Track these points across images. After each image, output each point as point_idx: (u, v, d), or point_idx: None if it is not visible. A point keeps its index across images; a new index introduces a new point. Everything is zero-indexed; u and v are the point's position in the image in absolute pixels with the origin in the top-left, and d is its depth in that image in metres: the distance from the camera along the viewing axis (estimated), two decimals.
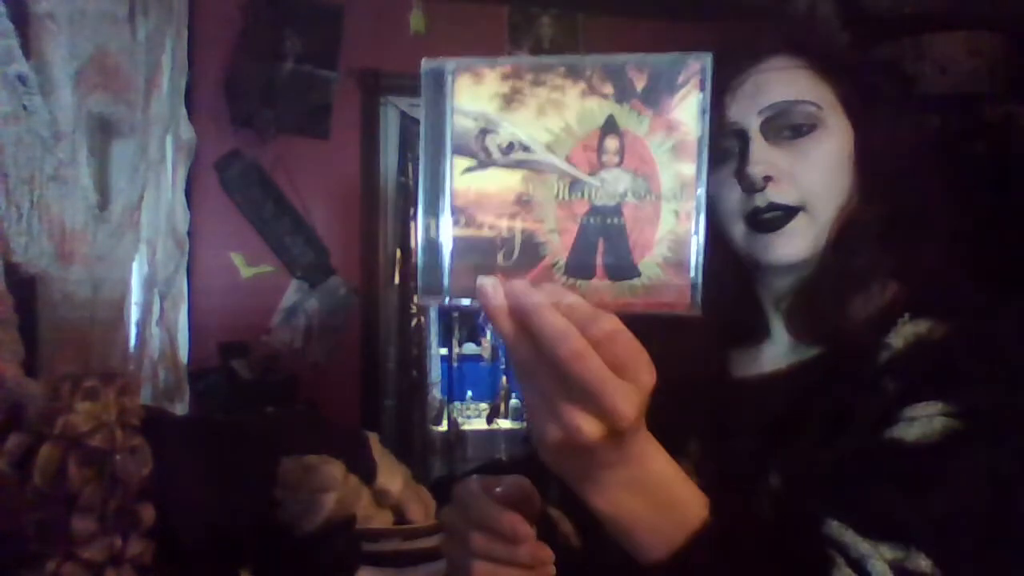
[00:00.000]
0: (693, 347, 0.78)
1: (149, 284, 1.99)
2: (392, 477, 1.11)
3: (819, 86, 0.76)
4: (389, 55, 2.87)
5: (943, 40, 2.95)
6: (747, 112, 0.76)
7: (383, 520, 1.07)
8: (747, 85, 0.76)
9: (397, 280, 3.07)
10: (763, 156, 0.74)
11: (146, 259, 1.99)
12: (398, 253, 3.07)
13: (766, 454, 0.74)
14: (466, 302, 0.49)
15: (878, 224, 0.74)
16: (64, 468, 0.83)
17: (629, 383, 0.46)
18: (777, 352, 0.81)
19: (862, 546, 0.57)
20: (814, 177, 0.75)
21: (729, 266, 0.79)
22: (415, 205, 3.32)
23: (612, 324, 0.47)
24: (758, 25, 0.81)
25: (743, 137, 0.76)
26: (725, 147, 0.77)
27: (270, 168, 2.78)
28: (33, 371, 1.22)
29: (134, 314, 1.84)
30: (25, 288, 1.25)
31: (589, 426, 0.47)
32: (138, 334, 1.87)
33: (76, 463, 0.84)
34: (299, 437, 1.07)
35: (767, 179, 0.74)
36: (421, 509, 1.13)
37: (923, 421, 0.63)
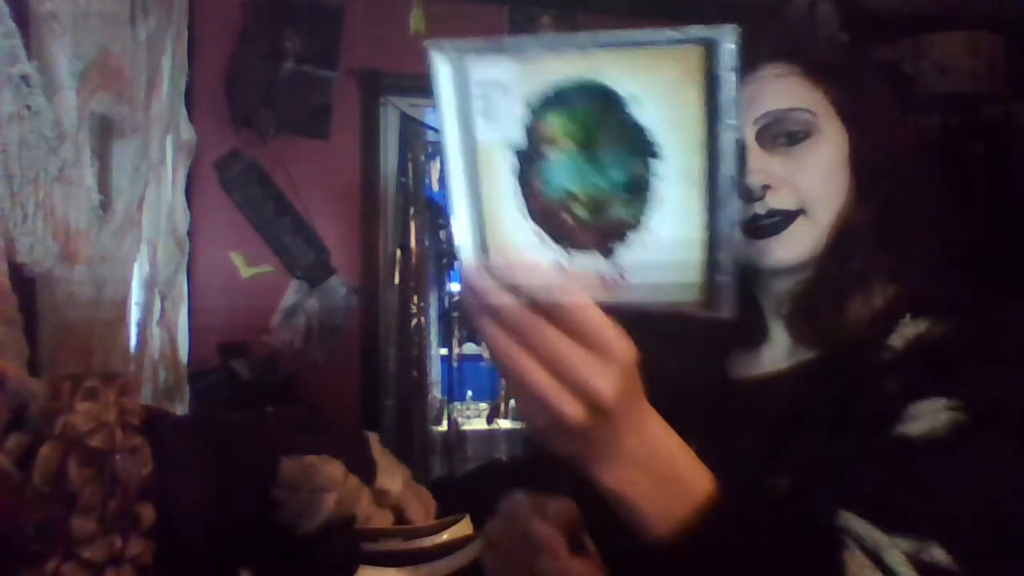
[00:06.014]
0: (693, 349, 0.79)
1: (150, 284, 1.99)
2: (392, 477, 1.11)
3: (812, 92, 0.77)
4: (389, 55, 2.88)
5: (943, 40, 2.95)
6: (742, 122, 0.76)
7: (383, 520, 1.07)
8: (741, 94, 0.77)
9: (397, 280, 3.07)
10: (760, 165, 0.75)
11: (147, 259, 1.99)
12: (398, 253, 3.07)
13: (768, 454, 0.74)
14: None
15: (875, 226, 0.75)
16: (64, 468, 0.83)
17: (602, 359, 0.47)
18: (777, 354, 0.82)
19: (877, 537, 0.57)
20: (812, 181, 0.75)
21: None
22: (414, 205, 3.31)
23: (577, 300, 0.47)
24: (749, 33, 0.82)
25: (739, 147, 0.76)
26: None
27: (270, 168, 2.79)
28: (35, 371, 1.22)
29: (135, 314, 1.85)
30: (27, 288, 1.25)
31: (571, 408, 0.47)
32: (139, 334, 1.87)
33: (76, 463, 0.84)
34: (299, 437, 1.07)
35: (765, 188, 0.75)
36: (421, 509, 1.13)
37: (928, 416, 0.63)
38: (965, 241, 0.77)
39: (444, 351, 3.80)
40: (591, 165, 0.47)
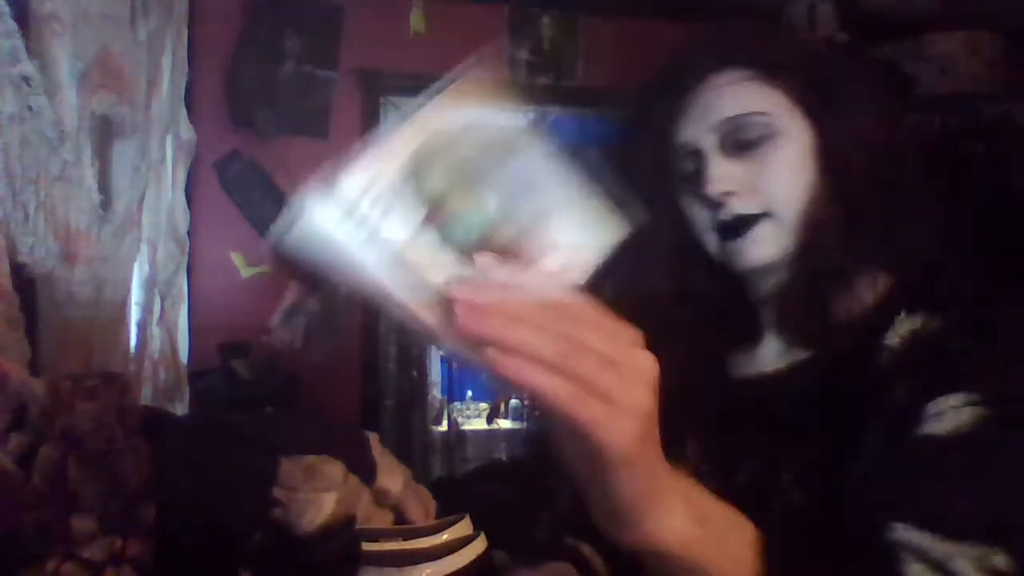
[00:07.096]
0: (691, 350, 0.79)
1: (150, 284, 2.00)
2: (392, 477, 1.11)
3: (770, 93, 0.76)
4: (389, 55, 2.88)
5: (943, 40, 2.95)
6: (700, 131, 0.76)
7: (383, 520, 1.07)
8: (697, 104, 0.77)
9: None
10: (721, 173, 0.75)
11: (147, 259, 2.00)
12: None
13: (768, 453, 0.74)
14: None
15: (846, 220, 0.74)
16: (64, 468, 0.83)
17: (633, 374, 0.43)
18: (773, 352, 0.81)
19: (941, 547, 0.56)
20: (775, 183, 0.75)
21: (713, 272, 0.80)
22: None
23: (588, 311, 0.43)
24: (701, 41, 0.81)
25: (699, 156, 0.76)
26: (684, 167, 0.78)
27: (270, 168, 2.79)
28: (35, 371, 1.22)
29: (135, 314, 1.85)
30: (27, 288, 1.25)
31: (621, 431, 0.42)
32: (139, 334, 1.87)
33: (76, 463, 0.84)
34: (299, 437, 1.08)
35: (727, 195, 0.75)
36: (421, 509, 1.13)
37: (951, 414, 0.62)
38: (960, 239, 0.77)
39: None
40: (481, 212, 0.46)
